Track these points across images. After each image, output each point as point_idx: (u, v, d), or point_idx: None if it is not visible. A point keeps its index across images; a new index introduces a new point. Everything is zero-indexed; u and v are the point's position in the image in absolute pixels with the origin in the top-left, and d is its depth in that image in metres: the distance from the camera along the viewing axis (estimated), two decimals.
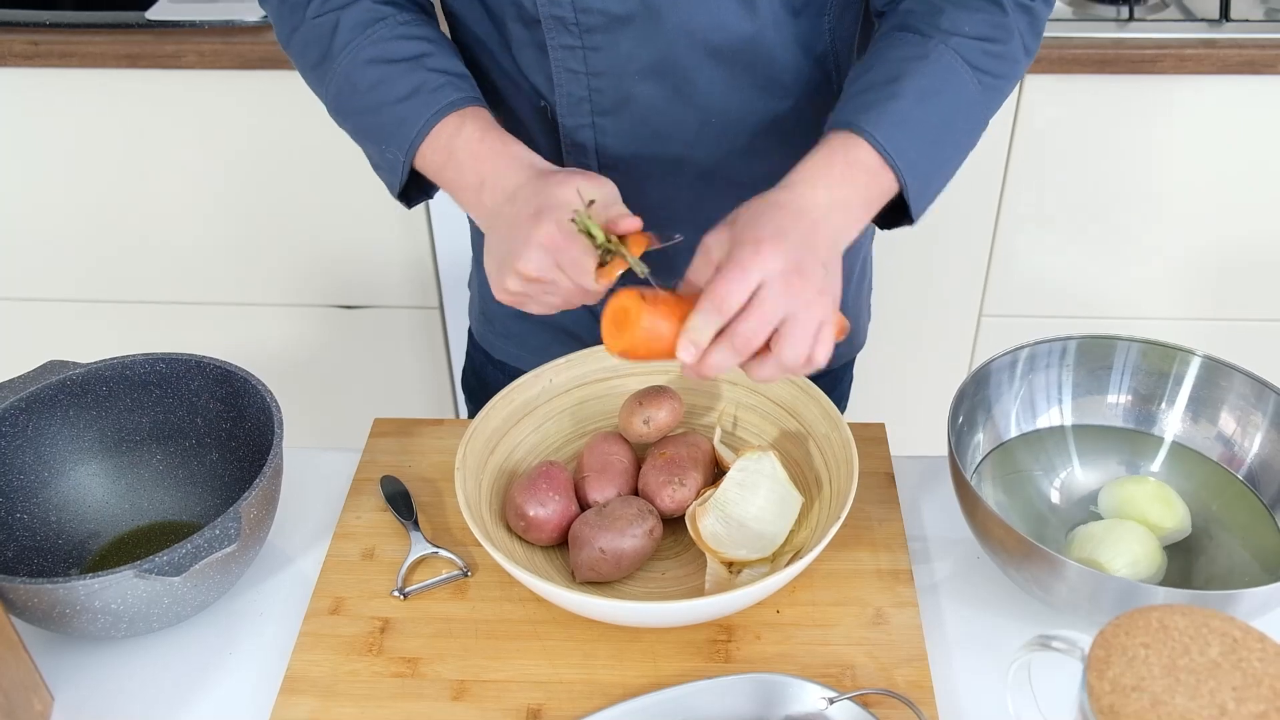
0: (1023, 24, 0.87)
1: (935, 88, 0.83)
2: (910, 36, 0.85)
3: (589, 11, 0.87)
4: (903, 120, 0.81)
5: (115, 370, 0.94)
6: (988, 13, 0.85)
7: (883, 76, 0.83)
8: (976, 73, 0.84)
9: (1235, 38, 1.55)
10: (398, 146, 0.87)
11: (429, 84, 0.86)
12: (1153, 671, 0.60)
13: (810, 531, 0.89)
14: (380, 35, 0.88)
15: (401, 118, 0.86)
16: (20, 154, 1.71)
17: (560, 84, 0.92)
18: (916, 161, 0.82)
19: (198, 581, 0.82)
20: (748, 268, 0.72)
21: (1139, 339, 0.94)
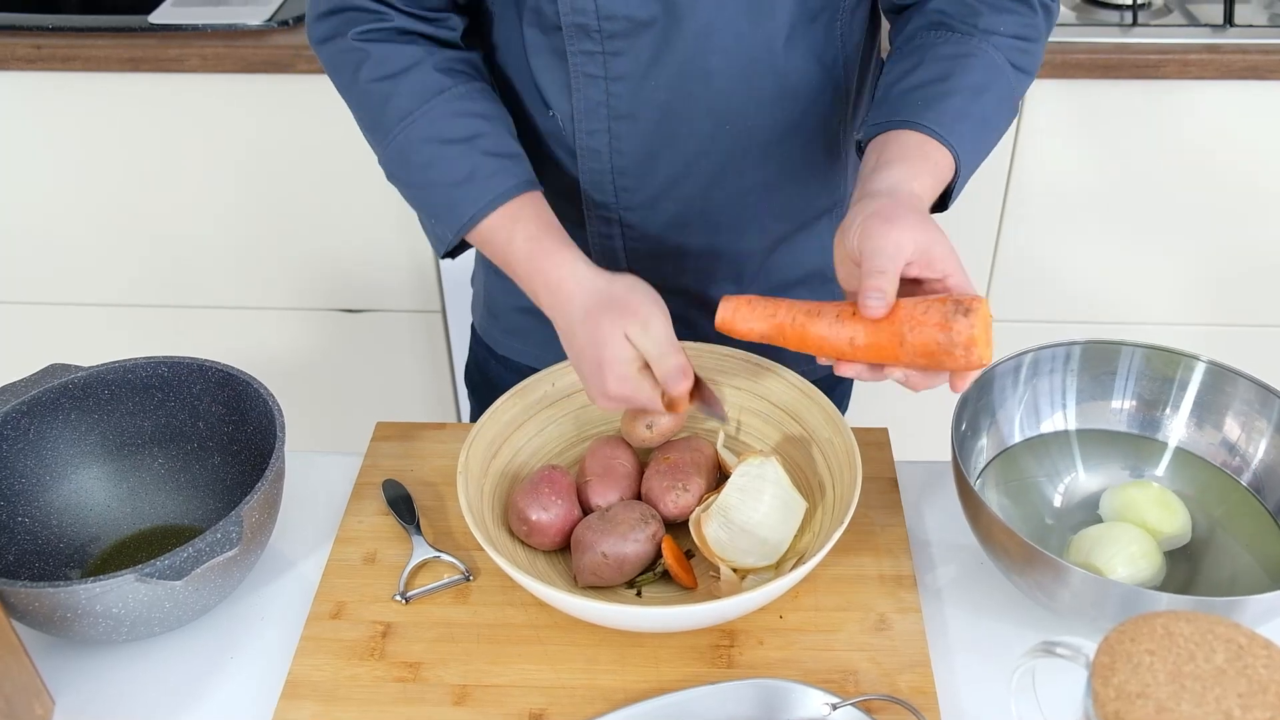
0: (1044, 24, 0.91)
1: (984, 84, 0.86)
2: (951, 35, 0.88)
3: (613, 18, 0.88)
4: (961, 115, 0.85)
5: (117, 374, 0.94)
6: (1019, 13, 0.89)
7: (934, 74, 0.86)
8: (1014, 70, 0.89)
9: (1239, 43, 1.55)
10: (448, 228, 0.89)
11: (481, 170, 0.88)
12: (1158, 678, 0.59)
13: (813, 537, 0.88)
14: (436, 112, 0.88)
15: (453, 202, 0.88)
16: (23, 157, 1.71)
17: (578, 89, 0.93)
18: (969, 153, 0.86)
19: (199, 586, 0.82)
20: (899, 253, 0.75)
21: (1143, 344, 0.94)
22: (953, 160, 0.84)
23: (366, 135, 0.93)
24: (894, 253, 0.74)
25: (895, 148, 0.83)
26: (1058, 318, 1.82)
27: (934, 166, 0.82)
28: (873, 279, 0.74)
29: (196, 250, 1.80)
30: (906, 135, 0.84)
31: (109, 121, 1.67)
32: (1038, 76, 1.52)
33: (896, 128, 0.84)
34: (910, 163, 0.82)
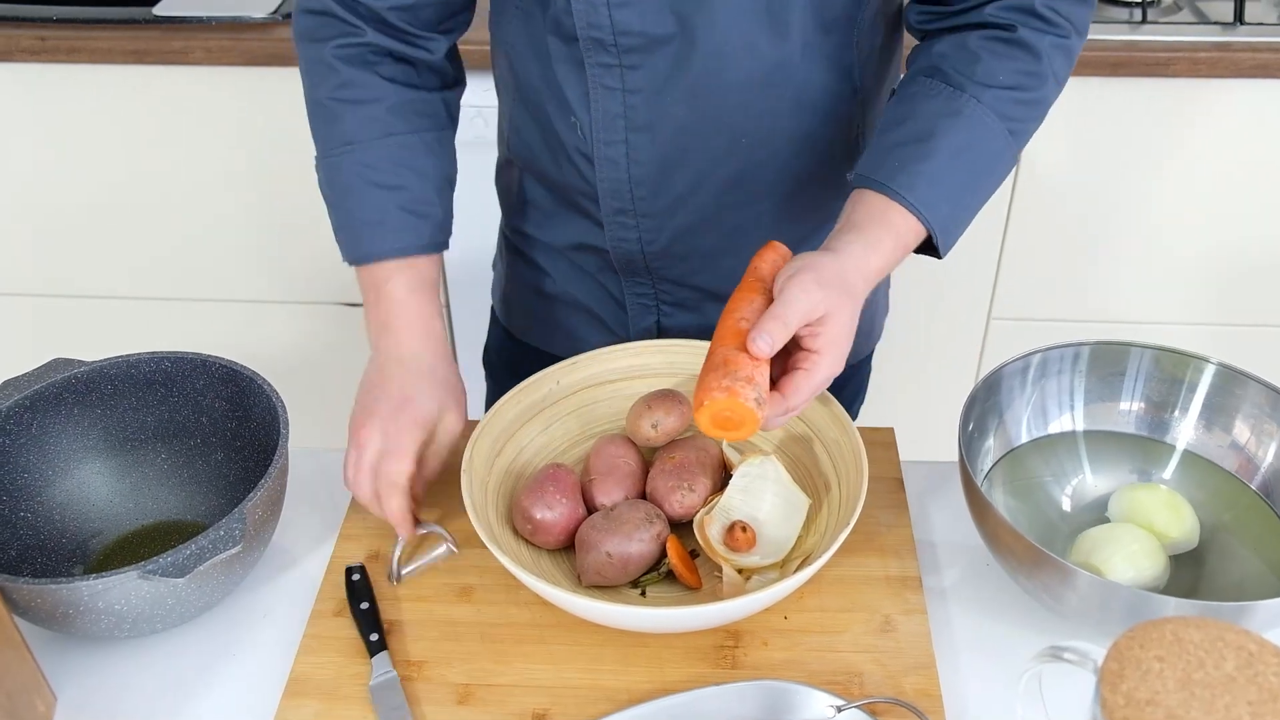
0: (1058, 63, 0.89)
1: (967, 144, 0.86)
2: (943, 88, 0.87)
3: (628, 34, 0.89)
4: (935, 180, 0.85)
5: (120, 369, 0.94)
6: (1022, 61, 0.87)
7: (915, 133, 0.86)
8: (1006, 122, 0.87)
9: (1249, 41, 1.54)
10: (347, 254, 0.96)
11: (391, 221, 0.94)
12: (1167, 685, 0.59)
13: (819, 537, 0.88)
14: (374, 153, 0.94)
15: (359, 238, 0.95)
16: (26, 149, 1.71)
17: (596, 100, 0.93)
18: (948, 215, 0.86)
19: (201, 583, 0.81)
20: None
21: (1152, 345, 0.94)
22: (921, 224, 0.85)
23: (312, 130, 0.97)
24: (803, 310, 0.77)
25: (863, 211, 0.85)
26: (1065, 317, 1.81)
27: (896, 234, 0.84)
28: (771, 322, 0.76)
29: (199, 243, 1.79)
30: (875, 199, 0.85)
31: (113, 114, 1.66)
32: None
33: (871, 186, 0.86)
34: (873, 232, 0.84)
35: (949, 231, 0.87)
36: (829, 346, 0.78)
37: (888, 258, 0.84)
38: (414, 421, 0.88)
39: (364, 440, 0.87)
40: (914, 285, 1.80)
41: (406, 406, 0.88)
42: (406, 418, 0.88)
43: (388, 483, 0.87)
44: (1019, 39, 0.87)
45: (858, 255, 0.82)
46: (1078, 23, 0.89)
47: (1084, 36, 0.91)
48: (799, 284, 0.77)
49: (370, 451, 0.87)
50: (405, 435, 0.87)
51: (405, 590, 0.89)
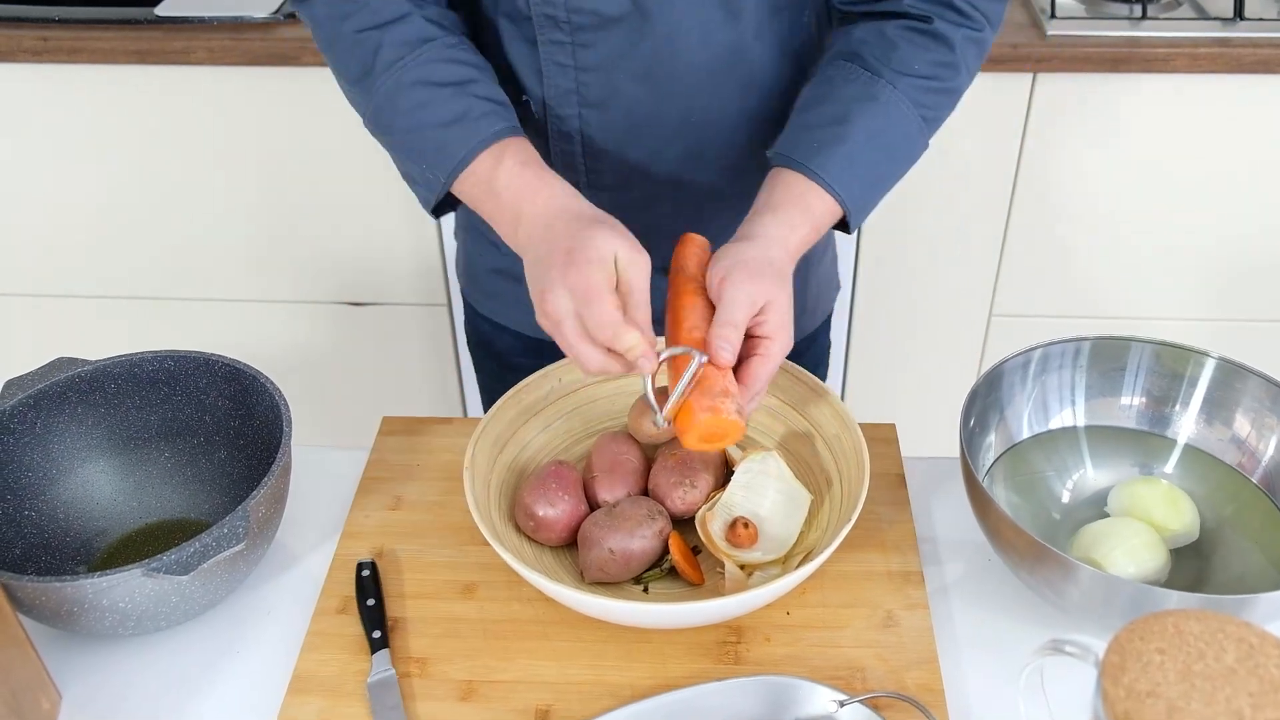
0: (971, 54, 0.91)
1: (881, 128, 0.88)
2: (861, 73, 0.90)
3: (580, 11, 0.90)
4: (850, 161, 0.87)
5: (124, 368, 0.94)
6: (937, 51, 0.90)
7: (833, 115, 0.88)
8: (920, 109, 0.90)
9: (1249, 36, 1.54)
10: (439, 171, 0.88)
11: (473, 111, 0.87)
12: (1168, 677, 0.59)
13: (821, 533, 0.88)
14: (427, 57, 0.88)
15: (443, 143, 0.87)
16: (29, 150, 1.71)
17: (549, 76, 0.95)
18: (861, 194, 0.89)
19: (205, 580, 0.82)
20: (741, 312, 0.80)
21: (1153, 340, 0.94)
22: (837, 204, 0.87)
23: (351, 87, 0.92)
24: (747, 306, 0.79)
25: (781, 191, 0.87)
26: (1066, 312, 1.81)
27: (814, 219, 0.87)
28: (725, 329, 0.79)
29: (202, 243, 1.80)
30: (793, 178, 0.87)
31: (115, 114, 1.67)
32: (1045, 70, 1.54)
33: (789, 165, 0.88)
34: (789, 212, 0.86)
35: (860, 211, 0.90)
36: (777, 330, 0.80)
37: (805, 236, 0.86)
38: (589, 262, 0.77)
39: (554, 311, 0.78)
40: (916, 281, 1.81)
41: (574, 255, 0.78)
42: (581, 262, 0.77)
43: (604, 331, 0.77)
44: (935, 30, 0.89)
45: (778, 238, 0.84)
46: (991, 17, 0.92)
47: (996, 30, 0.93)
48: (734, 283, 0.79)
49: (568, 319, 0.77)
50: (591, 278, 0.77)
51: (409, 588, 0.89)
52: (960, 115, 0.95)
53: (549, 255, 0.80)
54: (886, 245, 1.77)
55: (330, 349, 1.91)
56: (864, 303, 1.84)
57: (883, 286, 1.82)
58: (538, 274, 0.80)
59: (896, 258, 1.78)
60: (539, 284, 0.80)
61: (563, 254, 0.78)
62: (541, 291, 0.79)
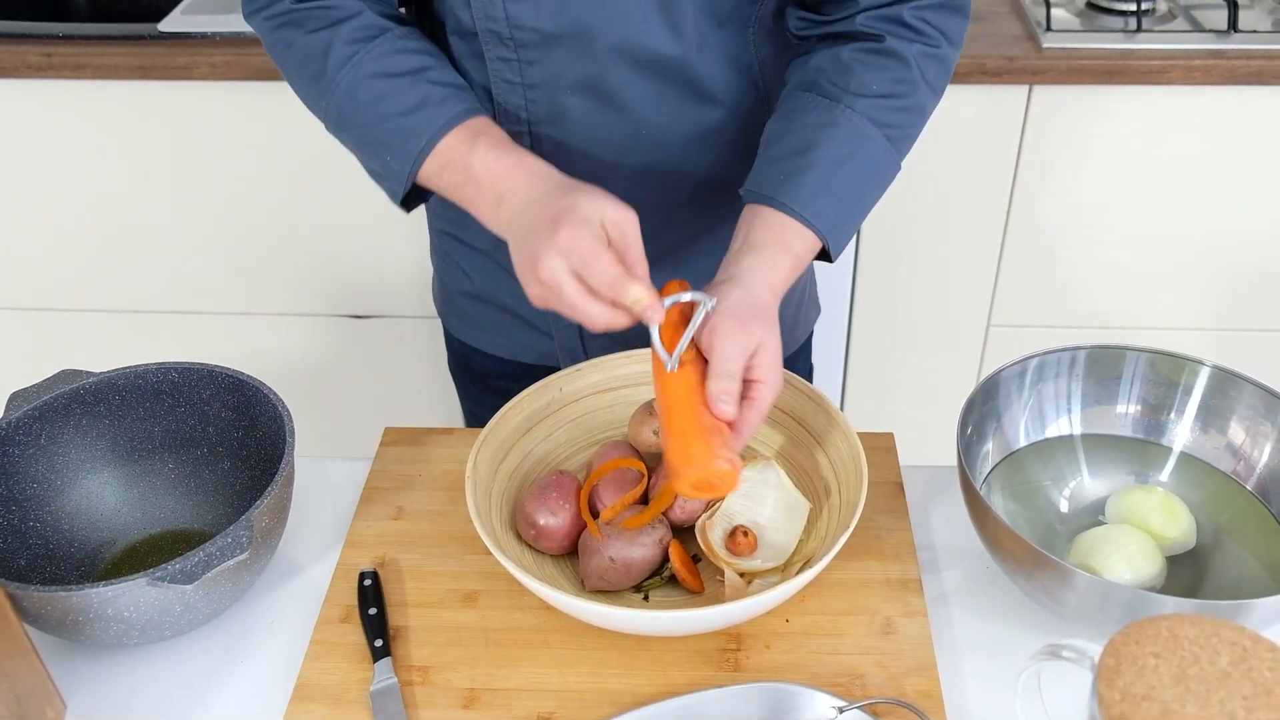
0: (931, 72, 0.91)
1: (847, 153, 0.88)
2: (820, 100, 0.90)
3: (522, 28, 0.91)
4: (821, 189, 0.87)
5: (128, 379, 0.95)
6: (892, 70, 0.90)
7: (796, 145, 0.89)
8: (884, 129, 0.90)
9: (1243, 48, 1.55)
10: (404, 159, 0.88)
11: (433, 97, 0.88)
12: (1163, 681, 0.60)
13: (820, 541, 0.89)
14: (380, 50, 0.88)
15: (407, 130, 0.87)
16: (33, 164, 1.72)
17: (498, 93, 0.96)
18: (836, 222, 0.88)
19: (209, 590, 0.82)
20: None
21: (1148, 349, 0.94)
22: (814, 235, 0.87)
23: (309, 91, 0.92)
24: (741, 356, 0.79)
25: (759, 230, 0.87)
26: (1062, 322, 1.82)
27: (794, 255, 0.87)
28: (723, 381, 0.79)
29: (205, 257, 1.81)
30: (770, 215, 0.87)
31: (118, 129, 1.68)
32: (1041, 81, 1.56)
33: (761, 201, 0.88)
34: (770, 252, 0.86)
35: (838, 239, 0.89)
36: (768, 375, 0.80)
37: (788, 274, 0.86)
38: (579, 222, 0.77)
39: (550, 276, 0.77)
40: (914, 292, 1.81)
41: (561, 219, 0.78)
42: (570, 223, 0.77)
43: (608, 285, 0.77)
44: (888, 48, 0.90)
45: (761, 278, 0.84)
46: (949, 33, 0.92)
47: (957, 46, 0.93)
48: (725, 332, 0.79)
49: (566, 280, 0.77)
50: (584, 237, 0.77)
51: (411, 596, 0.90)
52: (956, 127, 0.96)
53: (534, 226, 0.80)
54: (884, 255, 1.78)
55: (332, 361, 1.92)
56: (862, 312, 1.85)
57: (881, 296, 1.82)
58: (526, 247, 0.80)
59: (894, 268, 1.79)
60: (528, 254, 0.79)
61: (548, 221, 0.78)
62: (533, 261, 0.78)
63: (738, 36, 0.95)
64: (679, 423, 0.79)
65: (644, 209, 0.99)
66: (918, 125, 0.93)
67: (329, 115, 0.92)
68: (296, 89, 0.95)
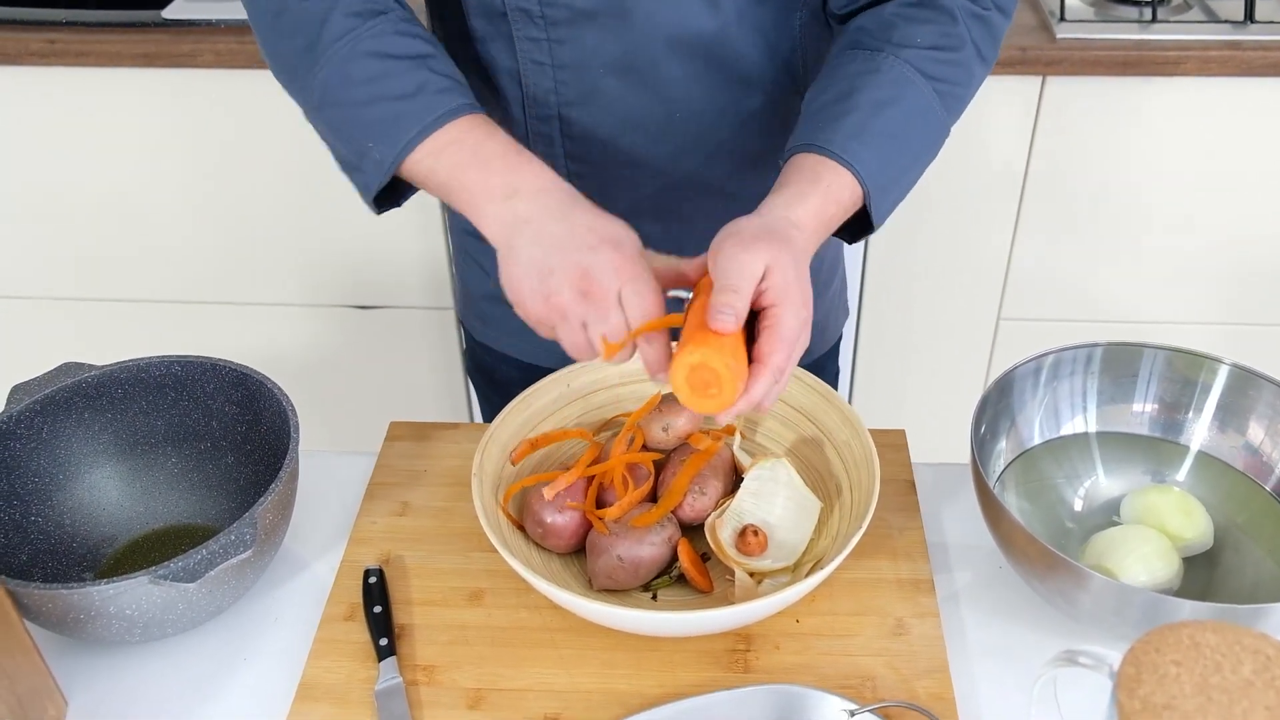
0: (977, 32, 0.87)
1: (889, 98, 0.83)
2: (861, 53, 0.86)
3: (554, 5, 0.88)
4: (859, 131, 0.82)
5: (131, 373, 0.94)
6: (938, 23, 0.86)
7: (836, 93, 0.84)
8: (931, 81, 0.85)
9: (1260, 39, 1.53)
10: (390, 144, 0.82)
11: (432, 84, 0.82)
12: (1184, 690, 0.58)
13: (830, 540, 0.88)
14: (381, 29, 0.83)
15: (398, 116, 0.82)
16: (36, 153, 1.71)
17: (526, 75, 0.93)
18: (877, 170, 0.82)
19: (212, 587, 0.81)
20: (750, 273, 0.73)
21: (1166, 346, 0.93)
22: (853, 178, 0.81)
23: (294, 62, 0.86)
24: (744, 272, 0.73)
25: (791, 172, 0.82)
26: (1075, 317, 1.80)
27: (825, 188, 0.80)
28: (724, 295, 0.72)
29: (209, 246, 1.80)
30: (804, 158, 0.82)
31: (122, 117, 1.67)
32: (1054, 73, 1.54)
33: (797, 152, 0.83)
34: (796, 186, 0.80)
35: (880, 188, 0.83)
36: (783, 297, 0.73)
37: (816, 208, 0.80)
38: (639, 253, 0.76)
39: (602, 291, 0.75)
40: (924, 285, 1.80)
41: (623, 242, 0.76)
42: (630, 251, 0.76)
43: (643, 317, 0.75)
44: (932, 2, 0.86)
45: (780, 207, 0.79)
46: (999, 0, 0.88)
47: (1007, 15, 0.89)
48: (727, 251, 0.74)
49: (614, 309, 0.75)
50: (643, 268, 0.75)
51: (416, 594, 0.89)
52: (968, 118, 0.94)
53: (575, 234, 0.76)
54: (894, 248, 1.77)
55: (337, 352, 1.91)
56: (872, 307, 1.83)
57: (891, 290, 1.81)
58: (561, 252, 0.76)
59: (904, 261, 1.78)
60: (572, 259, 0.75)
61: (608, 240, 0.76)
62: (584, 270, 0.75)
63: (782, 19, 0.92)
64: (690, 323, 0.74)
65: (671, 195, 0.98)
66: (965, 86, 0.88)
67: (312, 89, 0.85)
68: (275, 60, 0.89)
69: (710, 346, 0.71)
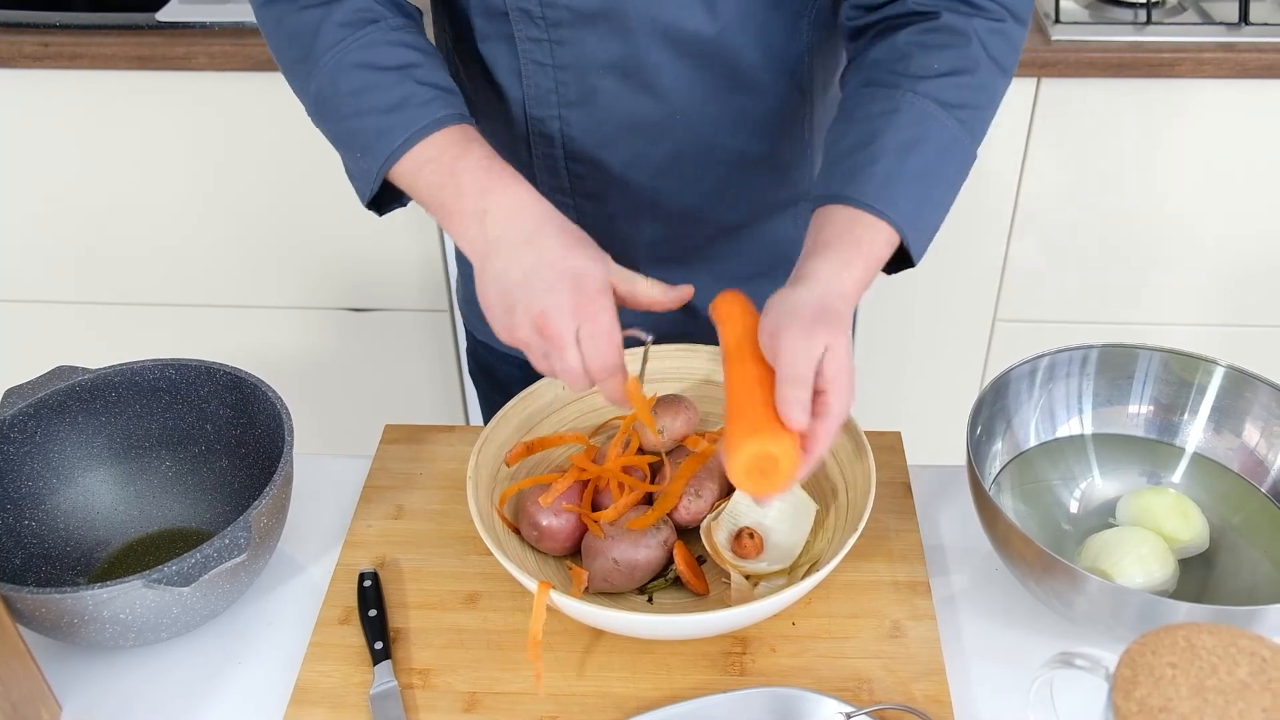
0: (994, 46, 0.85)
1: (913, 139, 0.82)
2: (879, 91, 0.84)
3: (555, 6, 0.88)
4: (889, 179, 0.81)
5: (124, 376, 0.94)
6: (954, 47, 0.84)
7: (859, 139, 0.83)
8: (951, 110, 0.83)
9: (1254, 41, 1.53)
10: (374, 157, 0.83)
11: (416, 97, 0.82)
12: (1180, 692, 0.58)
13: (827, 542, 0.88)
14: (370, 39, 0.84)
15: (383, 129, 0.82)
16: (30, 155, 1.71)
17: (527, 76, 0.93)
18: (912, 213, 0.82)
19: (207, 591, 0.81)
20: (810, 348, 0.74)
21: (1161, 348, 0.93)
22: (889, 228, 0.81)
23: (292, 74, 0.88)
24: (810, 361, 0.73)
25: (829, 230, 0.81)
26: (1070, 319, 1.80)
27: (867, 251, 0.80)
28: (794, 389, 0.72)
29: (204, 249, 1.79)
30: (839, 212, 0.81)
31: (116, 119, 1.66)
32: (1050, 75, 1.54)
33: (829, 202, 0.82)
34: (839, 251, 0.80)
35: (917, 232, 0.83)
36: (835, 384, 0.74)
37: (861, 275, 0.80)
38: (600, 292, 0.76)
39: (558, 337, 0.75)
40: (920, 287, 1.80)
41: (585, 282, 0.76)
42: (590, 295, 0.75)
43: (605, 367, 0.75)
44: (944, 24, 0.84)
45: (830, 278, 0.78)
46: (1013, 6, 0.86)
47: (1023, 22, 0.88)
48: (791, 336, 0.74)
49: (572, 347, 0.75)
50: (602, 314, 0.75)
51: (411, 598, 0.88)
52: None
53: (539, 269, 0.76)
54: None
55: (332, 355, 1.91)
56: (867, 308, 1.83)
57: (886, 292, 1.81)
58: (528, 290, 0.76)
59: None
60: (535, 302, 0.76)
61: (569, 278, 0.76)
62: (543, 312, 0.75)
63: (789, 22, 0.91)
64: (743, 398, 0.75)
65: (671, 199, 0.98)
66: (987, 106, 0.87)
67: (309, 102, 0.87)
68: (282, 68, 0.90)
69: (769, 434, 0.72)
